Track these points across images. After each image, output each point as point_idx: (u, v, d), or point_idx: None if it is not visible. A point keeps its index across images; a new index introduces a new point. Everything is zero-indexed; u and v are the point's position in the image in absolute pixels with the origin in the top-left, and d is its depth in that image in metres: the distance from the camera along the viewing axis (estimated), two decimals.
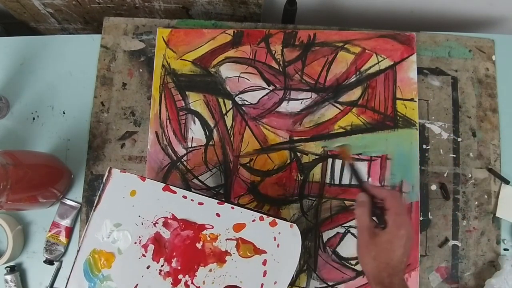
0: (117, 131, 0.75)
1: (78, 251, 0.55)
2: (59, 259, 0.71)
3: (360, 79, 0.74)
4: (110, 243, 0.55)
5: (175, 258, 0.54)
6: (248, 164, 0.72)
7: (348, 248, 0.70)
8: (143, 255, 0.54)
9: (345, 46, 0.75)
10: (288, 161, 0.72)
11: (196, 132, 0.73)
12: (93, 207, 0.56)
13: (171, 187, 0.56)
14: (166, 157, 0.72)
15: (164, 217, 0.55)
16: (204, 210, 0.55)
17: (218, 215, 0.55)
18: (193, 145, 0.73)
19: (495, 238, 0.71)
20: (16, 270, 0.70)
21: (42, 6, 0.89)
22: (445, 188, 0.72)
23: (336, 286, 0.68)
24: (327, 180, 0.71)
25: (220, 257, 0.54)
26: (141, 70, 0.76)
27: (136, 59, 0.77)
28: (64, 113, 0.76)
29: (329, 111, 0.73)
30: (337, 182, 0.71)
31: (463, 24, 0.89)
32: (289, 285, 0.53)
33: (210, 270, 0.54)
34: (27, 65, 0.78)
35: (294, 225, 0.54)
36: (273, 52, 0.75)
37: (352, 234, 0.70)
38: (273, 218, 0.54)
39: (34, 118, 0.76)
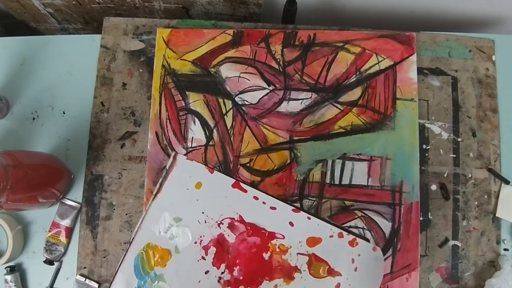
0: (117, 131, 0.75)
1: (130, 242, 0.49)
2: (59, 259, 0.71)
3: (360, 79, 0.74)
4: (168, 239, 0.49)
5: (238, 267, 0.48)
6: (248, 164, 0.72)
7: None
8: (203, 258, 0.49)
9: (345, 46, 0.75)
10: (288, 161, 0.72)
11: (196, 132, 0.73)
12: (153, 196, 0.49)
13: (241, 184, 0.50)
14: (166, 157, 0.72)
15: (230, 218, 0.50)
16: (276, 216, 0.49)
17: (291, 224, 0.49)
18: (193, 145, 0.73)
19: (495, 238, 0.71)
20: (16, 270, 0.70)
21: (42, 6, 0.89)
22: (445, 188, 0.72)
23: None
24: (327, 180, 0.71)
25: (289, 273, 0.48)
26: (141, 70, 0.76)
27: (136, 59, 0.77)
28: (64, 113, 0.76)
29: (329, 111, 0.73)
30: (337, 182, 0.71)
31: (463, 24, 0.89)
32: None
33: (275, 286, 0.47)
34: (27, 65, 0.78)
35: (378, 248, 0.47)
36: (273, 52, 0.75)
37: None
38: (354, 237, 0.48)
39: (34, 118, 0.76)
